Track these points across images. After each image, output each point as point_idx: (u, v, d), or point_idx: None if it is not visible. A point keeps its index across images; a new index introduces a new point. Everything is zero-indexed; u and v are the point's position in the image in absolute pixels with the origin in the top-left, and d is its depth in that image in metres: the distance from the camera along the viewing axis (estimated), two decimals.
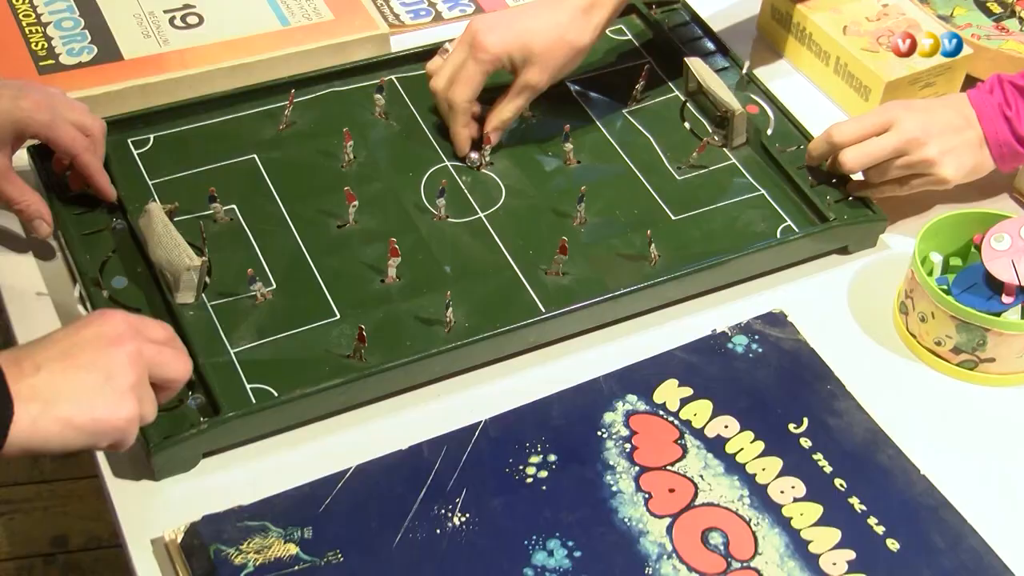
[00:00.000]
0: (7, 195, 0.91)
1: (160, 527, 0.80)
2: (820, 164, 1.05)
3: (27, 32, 1.10)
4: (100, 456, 0.84)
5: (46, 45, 1.09)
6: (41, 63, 1.07)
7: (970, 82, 1.14)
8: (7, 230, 0.98)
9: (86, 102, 1.03)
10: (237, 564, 0.76)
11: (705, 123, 1.11)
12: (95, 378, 0.72)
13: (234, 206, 0.99)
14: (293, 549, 0.77)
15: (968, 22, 1.20)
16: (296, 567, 0.76)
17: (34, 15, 1.13)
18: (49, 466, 1.80)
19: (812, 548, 0.80)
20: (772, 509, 0.82)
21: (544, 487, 0.82)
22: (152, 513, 0.81)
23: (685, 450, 0.85)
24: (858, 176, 1.04)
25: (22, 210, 0.92)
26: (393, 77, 1.12)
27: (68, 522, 1.74)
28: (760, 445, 0.86)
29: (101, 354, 0.73)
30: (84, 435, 0.72)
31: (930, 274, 0.97)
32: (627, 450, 0.85)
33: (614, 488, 0.83)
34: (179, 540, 0.78)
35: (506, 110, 1.05)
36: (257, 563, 0.76)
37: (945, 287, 0.96)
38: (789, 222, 1.02)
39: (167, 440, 0.82)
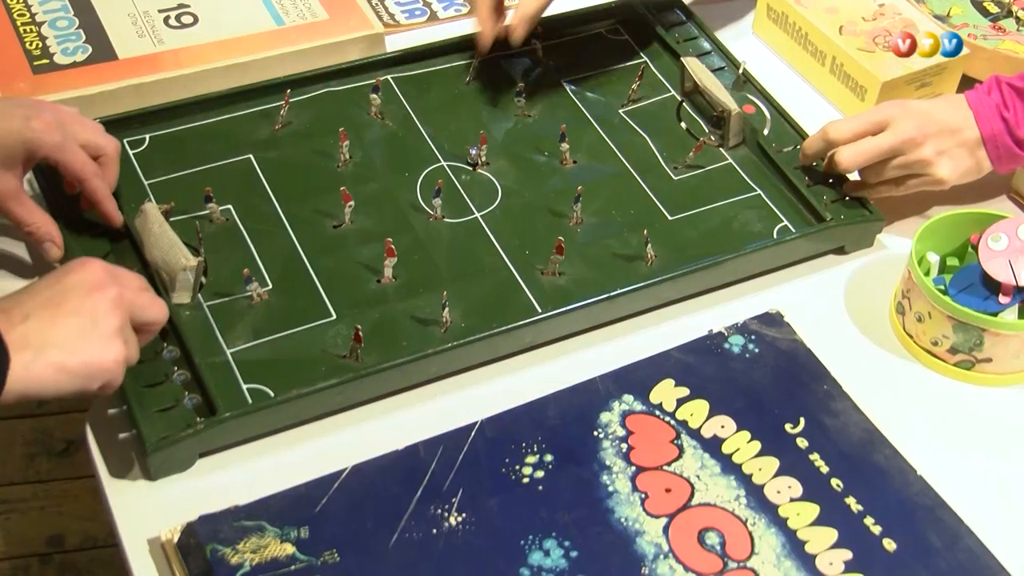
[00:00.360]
0: (17, 217, 0.91)
1: (157, 527, 0.80)
2: (814, 163, 1.05)
3: (21, 32, 1.10)
4: (97, 456, 0.84)
5: (40, 44, 1.09)
6: (35, 63, 1.07)
7: (967, 82, 1.15)
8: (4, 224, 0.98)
9: (80, 102, 1.03)
10: (233, 564, 0.76)
11: (701, 123, 1.11)
12: (82, 323, 0.75)
13: (230, 206, 0.99)
14: (290, 549, 0.77)
15: (964, 22, 1.20)
16: (292, 567, 0.76)
17: (28, 14, 1.12)
18: (45, 466, 1.79)
19: (809, 548, 0.80)
20: (768, 509, 0.82)
21: (540, 487, 0.82)
22: (148, 513, 0.81)
23: (681, 450, 0.85)
24: (854, 176, 1.04)
25: (32, 232, 0.92)
26: (389, 77, 1.12)
27: (64, 522, 1.74)
28: (757, 445, 0.86)
29: (86, 300, 0.76)
30: (76, 379, 0.74)
31: (927, 274, 0.97)
32: (623, 450, 0.85)
33: (610, 488, 0.82)
34: (175, 540, 0.78)
35: (531, 4, 1.07)
36: (253, 563, 0.76)
37: (942, 287, 0.96)
38: (786, 222, 1.02)
39: (164, 440, 0.81)
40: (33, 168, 0.98)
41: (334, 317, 0.92)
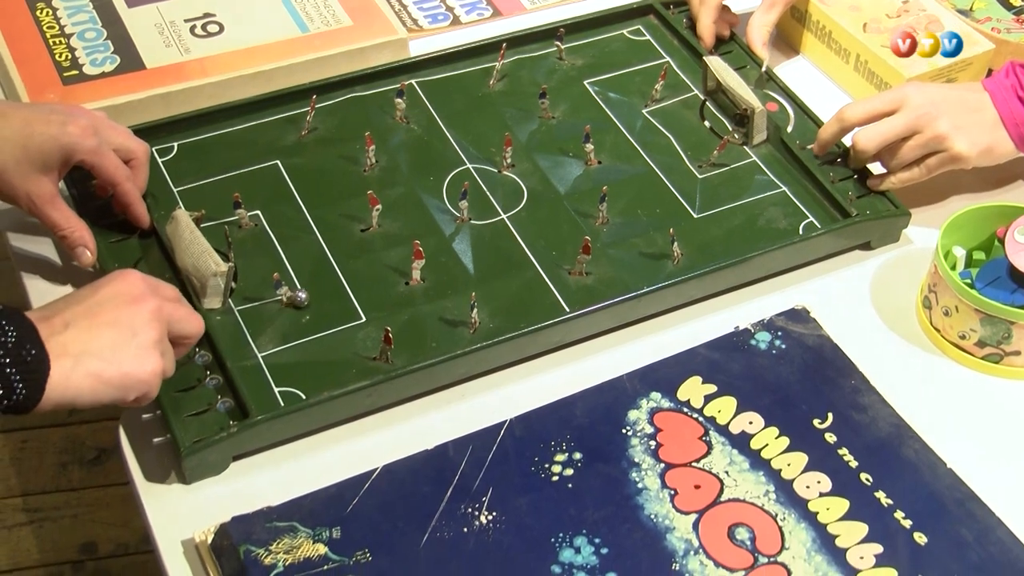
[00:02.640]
0: (52, 221, 0.92)
1: (191, 530, 0.80)
2: (829, 149, 1.05)
3: (51, 44, 1.12)
4: (131, 461, 0.85)
5: (70, 56, 1.11)
6: (65, 74, 1.09)
7: None
8: (33, 224, 0.99)
9: (109, 111, 1.04)
10: (267, 564, 0.76)
11: (725, 121, 1.11)
12: (121, 334, 0.76)
13: (258, 212, 1.00)
14: (322, 549, 0.78)
15: (988, 15, 1.20)
16: (325, 567, 0.77)
17: (58, 27, 1.14)
18: (77, 474, 1.81)
19: (839, 542, 0.80)
20: (798, 504, 0.82)
21: (570, 485, 0.82)
22: (183, 516, 0.82)
23: (710, 447, 0.86)
24: (877, 170, 1.05)
25: (66, 237, 0.93)
26: (413, 81, 1.13)
27: (96, 529, 1.76)
28: (785, 441, 0.86)
29: (124, 311, 0.77)
30: (113, 389, 0.75)
31: (953, 268, 0.97)
32: (652, 447, 0.85)
33: (640, 485, 0.83)
34: (209, 541, 0.79)
35: (765, 19, 1.16)
36: (287, 563, 0.77)
37: (969, 281, 0.96)
38: (811, 218, 1.02)
39: (198, 444, 0.82)
40: None
41: (363, 320, 0.92)
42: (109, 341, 0.75)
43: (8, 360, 0.71)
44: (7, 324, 0.72)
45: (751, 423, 0.87)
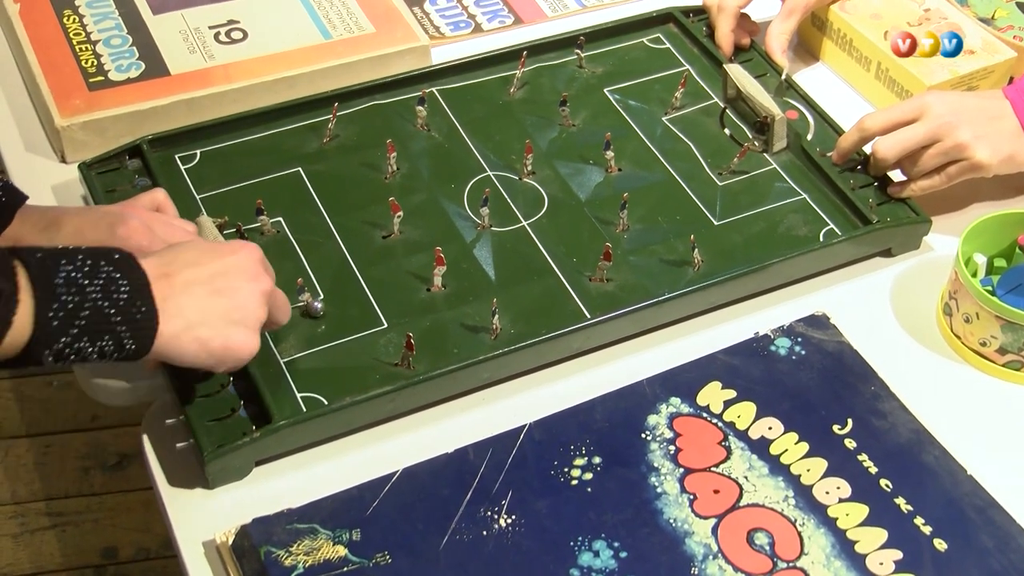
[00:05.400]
0: None
1: (212, 533, 0.81)
2: (849, 158, 1.05)
3: (78, 50, 1.13)
4: (155, 466, 0.86)
5: (95, 62, 1.12)
6: (91, 80, 1.10)
7: None
8: None
9: (134, 117, 1.06)
10: (287, 566, 0.77)
11: (745, 129, 1.12)
12: (236, 308, 0.79)
13: (280, 218, 1.01)
14: (342, 551, 0.78)
15: (1009, 24, 1.20)
16: (345, 568, 0.77)
17: (84, 33, 1.15)
18: (99, 479, 1.82)
19: (859, 548, 0.80)
20: (817, 510, 0.82)
21: (589, 489, 0.83)
22: (206, 520, 0.83)
23: (729, 452, 0.86)
24: (897, 177, 1.05)
25: None
26: (434, 89, 1.13)
27: (118, 534, 1.77)
28: (804, 446, 0.86)
29: (241, 287, 0.80)
30: (214, 359, 0.79)
31: (974, 275, 0.97)
32: (671, 452, 0.85)
33: (659, 489, 0.83)
34: (230, 542, 0.79)
35: (784, 27, 1.17)
36: (307, 564, 0.77)
37: (989, 288, 0.96)
38: (832, 225, 1.02)
39: (221, 449, 0.83)
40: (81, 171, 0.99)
41: (385, 326, 0.93)
42: (223, 312, 0.78)
43: (119, 319, 0.73)
44: (121, 278, 0.73)
45: (770, 428, 0.87)
